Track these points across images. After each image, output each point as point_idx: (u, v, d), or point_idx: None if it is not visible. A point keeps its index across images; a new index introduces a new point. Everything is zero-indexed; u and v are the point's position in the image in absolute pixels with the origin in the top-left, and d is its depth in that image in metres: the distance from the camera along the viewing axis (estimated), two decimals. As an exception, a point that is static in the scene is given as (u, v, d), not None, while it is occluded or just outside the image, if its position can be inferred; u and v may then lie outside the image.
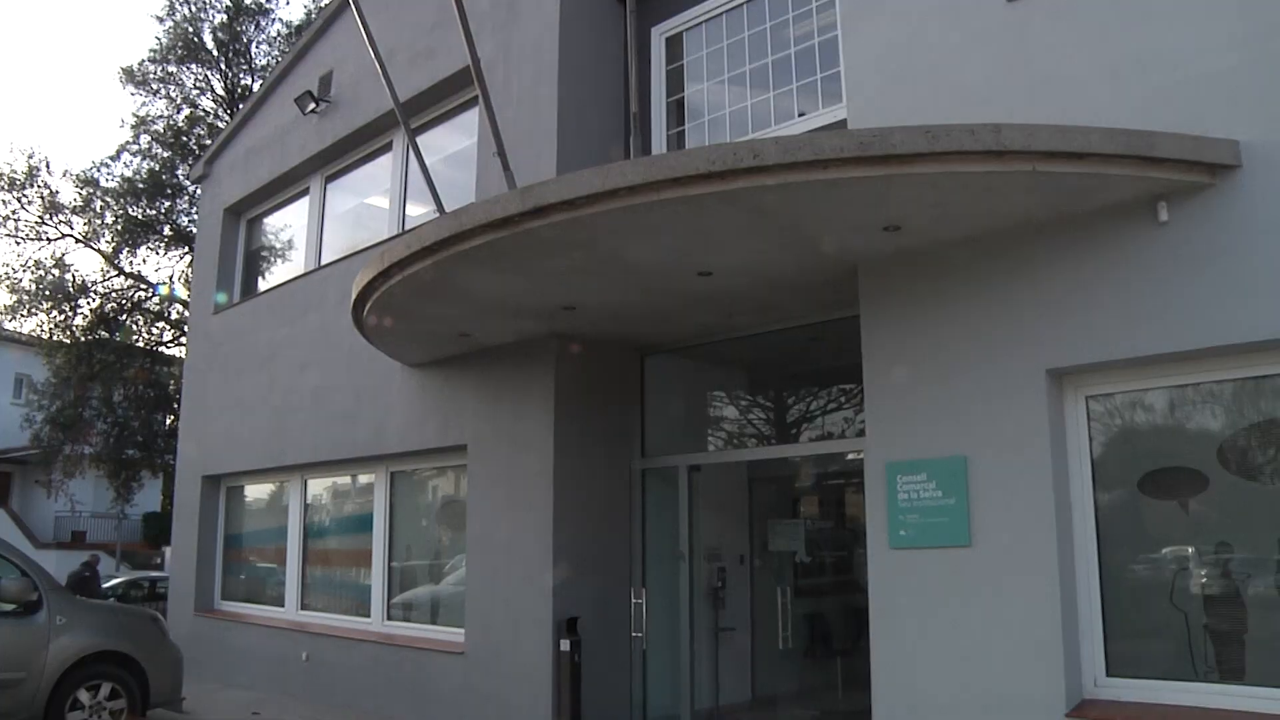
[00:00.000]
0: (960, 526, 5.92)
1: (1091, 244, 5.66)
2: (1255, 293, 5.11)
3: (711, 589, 9.46)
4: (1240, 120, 5.27)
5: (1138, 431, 5.90)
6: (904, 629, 6.09)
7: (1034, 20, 6.16)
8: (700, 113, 9.13)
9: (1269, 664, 5.30)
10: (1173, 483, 5.72)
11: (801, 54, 8.40)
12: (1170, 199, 5.39)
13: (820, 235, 6.03)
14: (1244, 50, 5.33)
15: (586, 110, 9.09)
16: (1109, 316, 5.55)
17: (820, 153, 5.03)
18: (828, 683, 10.70)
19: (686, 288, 7.10)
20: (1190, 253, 5.33)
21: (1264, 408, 5.44)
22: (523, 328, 8.30)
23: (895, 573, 6.19)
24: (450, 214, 6.27)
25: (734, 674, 9.88)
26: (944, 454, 6.04)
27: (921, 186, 5.27)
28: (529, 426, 8.65)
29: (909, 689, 6.03)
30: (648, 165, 5.41)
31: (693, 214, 5.60)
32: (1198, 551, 5.60)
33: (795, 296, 7.44)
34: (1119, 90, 5.72)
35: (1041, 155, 5.09)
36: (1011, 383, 5.84)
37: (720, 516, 9.81)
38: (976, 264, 6.06)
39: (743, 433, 10.10)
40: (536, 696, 8.22)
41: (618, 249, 6.20)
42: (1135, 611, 5.72)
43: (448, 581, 10.01)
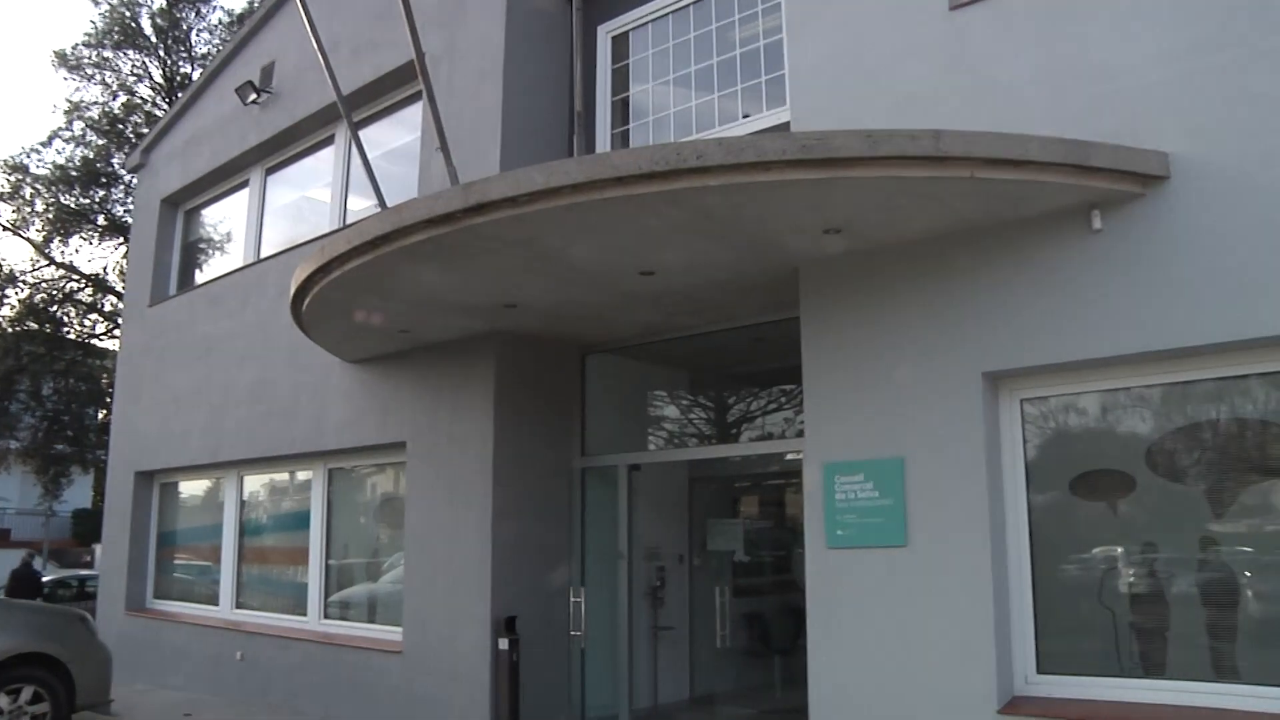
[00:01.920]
0: (897, 527, 6.00)
1: (1028, 250, 5.77)
2: (1183, 300, 5.25)
3: (650, 588, 9.50)
4: (1170, 133, 5.41)
5: (1070, 434, 6.02)
6: (841, 628, 6.16)
7: (974, 28, 6.25)
8: (645, 112, 9.15)
9: (1188, 658, 5.47)
10: (1103, 484, 5.85)
11: (747, 56, 8.45)
12: (1104, 207, 5.52)
13: (762, 237, 6.07)
14: (1175, 65, 5.46)
15: (531, 107, 9.06)
16: (1044, 321, 5.67)
17: (763, 154, 5.06)
18: (766, 681, 10.78)
19: (629, 287, 7.11)
20: (1122, 260, 5.46)
21: (1190, 412, 5.59)
22: (464, 325, 8.26)
23: (833, 572, 6.25)
24: (392, 209, 6.22)
25: (673, 673, 9.92)
26: (881, 455, 6.12)
27: (862, 190, 5.33)
28: (469, 424, 8.62)
29: (845, 687, 6.10)
30: (591, 164, 5.40)
31: (636, 213, 5.61)
32: (1125, 551, 5.75)
33: (737, 297, 7.49)
34: (1056, 99, 5.83)
35: (980, 162, 5.18)
36: (948, 385, 5.93)
37: (660, 516, 9.85)
38: (916, 267, 6.15)
39: (683, 432, 10.15)
40: (474, 695, 8.18)
41: (560, 247, 6.19)
42: (1065, 610, 5.84)
43: (386, 580, 9.93)
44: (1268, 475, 5.38)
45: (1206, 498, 5.52)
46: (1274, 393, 5.36)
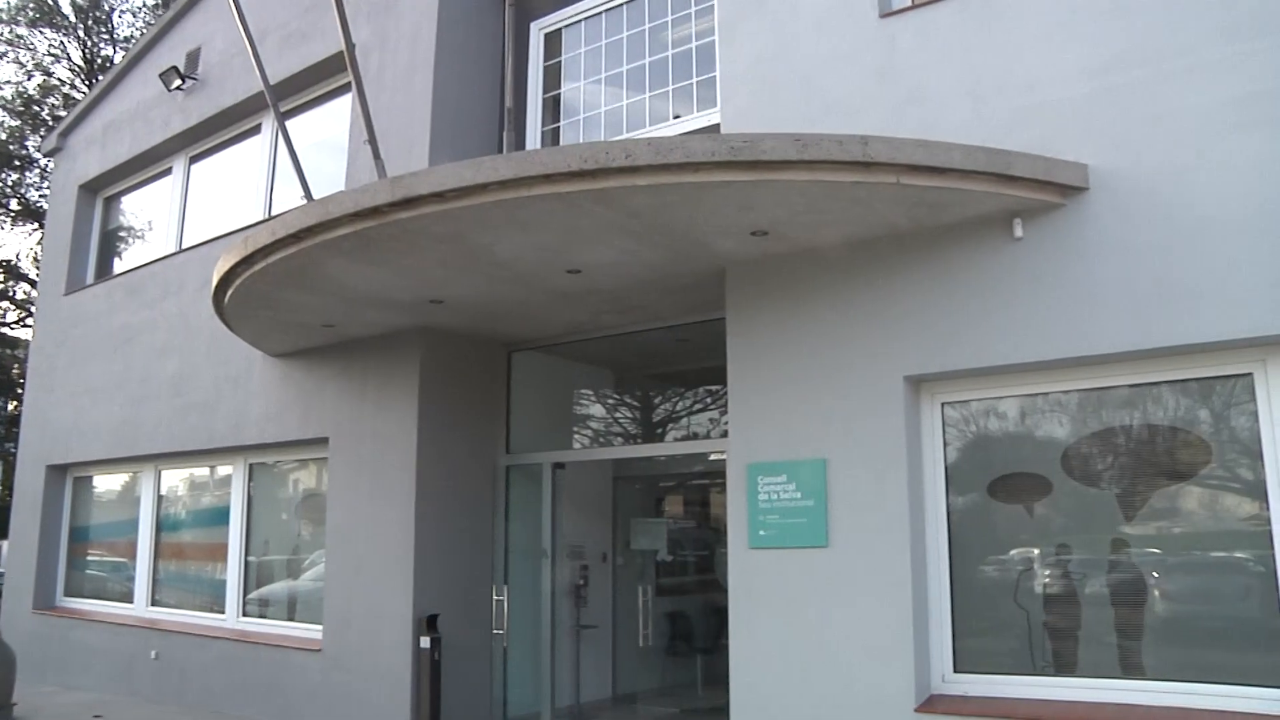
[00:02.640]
0: (818, 528, 6.06)
1: (951, 256, 5.87)
2: (1100, 309, 5.38)
3: (574, 587, 9.49)
4: (1089, 145, 5.55)
5: (990, 438, 6.13)
6: (762, 627, 6.21)
7: (903, 37, 6.34)
8: (576, 110, 9.13)
9: (1098, 656, 5.62)
10: (1020, 487, 5.97)
11: (679, 57, 8.47)
12: (1025, 216, 5.64)
13: (689, 237, 6.09)
14: (1094, 81, 5.61)
15: (462, 102, 8.99)
16: (965, 327, 5.77)
17: (691, 155, 5.08)
18: (688, 680, 10.83)
19: (556, 285, 7.09)
20: (1042, 269, 5.58)
21: (1105, 417, 5.73)
22: (389, 320, 8.17)
23: (755, 572, 6.30)
24: (318, 201, 6.12)
25: (595, 671, 9.92)
26: (804, 456, 6.18)
27: (790, 193, 5.38)
28: (393, 420, 8.53)
29: (766, 686, 6.15)
30: (520, 161, 5.38)
31: (564, 211, 5.59)
32: (1041, 553, 5.87)
33: (664, 297, 7.50)
34: (980, 110, 5.94)
35: (906, 168, 5.25)
36: (871, 388, 6.01)
37: (584, 514, 9.85)
38: (841, 271, 6.22)
39: (609, 431, 10.16)
40: (395, 694, 8.10)
41: (488, 244, 6.15)
42: (982, 610, 5.95)
43: (307, 577, 9.79)
44: (1176, 479, 5.53)
45: (1119, 501, 5.67)
46: (1184, 400, 5.52)
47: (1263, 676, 5.07)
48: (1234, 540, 5.36)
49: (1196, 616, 5.50)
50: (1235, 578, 5.36)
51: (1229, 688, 5.13)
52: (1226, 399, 5.41)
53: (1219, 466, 5.43)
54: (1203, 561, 5.49)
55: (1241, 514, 5.33)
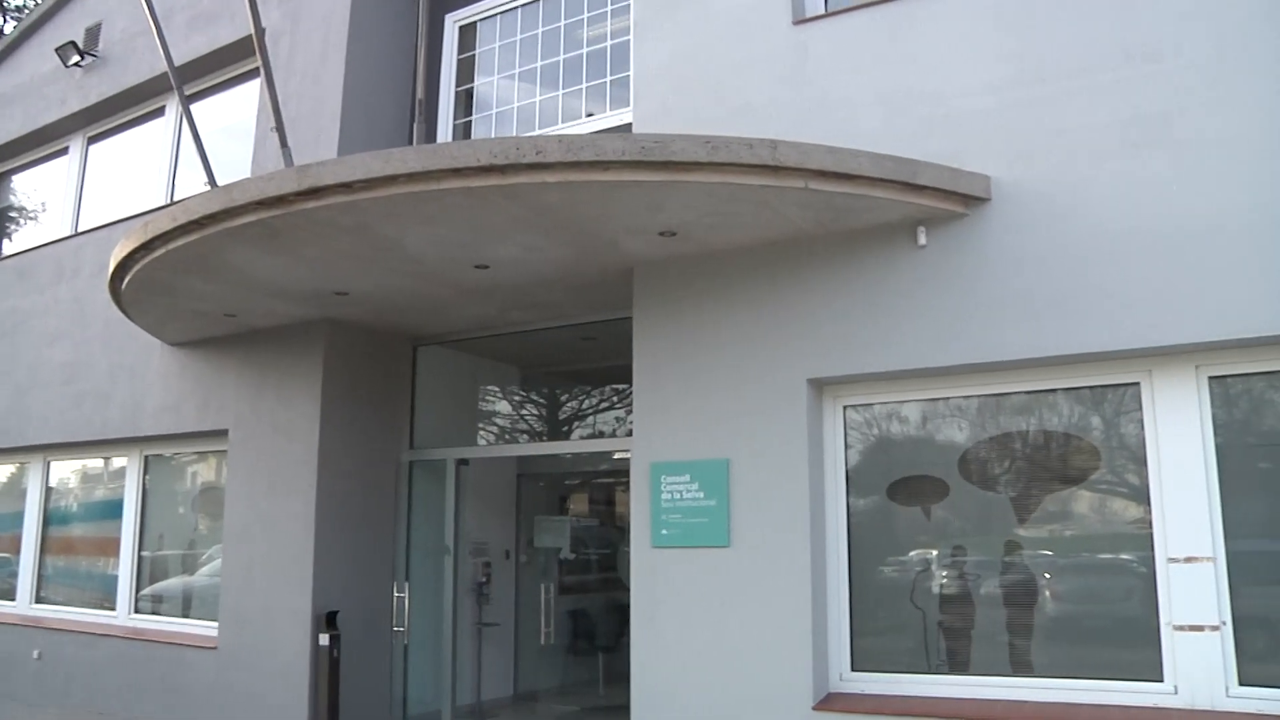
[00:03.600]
0: (720, 527, 6.10)
1: (856, 262, 5.95)
2: (999, 317, 5.51)
3: (476, 584, 9.43)
4: (992, 157, 5.67)
5: (892, 441, 6.23)
6: (664, 626, 6.23)
7: (816, 44, 6.41)
8: (489, 105, 9.06)
9: (990, 655, 5.76)
10: (918, 490, 6.08)
11: (593, 55, 8.46)
12: (929, 225, 5.75)
13: (598, 236, 6.08)
14: (999, 95, 5.74)
15: (373, 92, 8.86)
16: (868, 331, 5.86)
17: (602, 154, 5.07)
18: (590, 679, 10.84)
19: (463, 280, 7.02)
20: (944, 277, 5.70)
21: (1002, 423, 5.87)
22: (293, 311, 8.01)
23: (657, 571, 6.31)
24: (222, 188, 5.97)
25: (497, 669, 9.88)
26: (708, 456, 6.21)
27: (699, 195, 5.40)
28: (294, 413, 8.37)
29: (667, 685, 6.17)
30: (429, 153, 5.31)
31: (473, 206, 5.54)
32: (937, 554, 5.99)
33: (571, 295, 7.48)
34: (889, 118, 6.04)
35: (814, 173, 5.30)
36: (774, 390, 6.07)
37: (487, 511, 9.79)
38: (748, 273, 6.26)
39: (514, 428, 10.10)
40: (293, 693, 7.95)
41: (395, 236, 6.07)
42: (880, 610, 6.05)
43: (203, 572, 9.55)
44: (1069, 484, 5.69)
45: (1013, 504, 5.81)
46: (1078, 407, 5.69)
47: (1141, 671, 5.27)
48: (1120, 543, 5.55)
49: (1083, 616, 5.69)
50: (1120, 578, 5.54)
51: (1110, 683, 5.33)
52: (1117, 407, 5.59)
53: (1108, 472, 5.61)
54: (1091, 563, 5.68)
55: (1128, 517, 5.51)
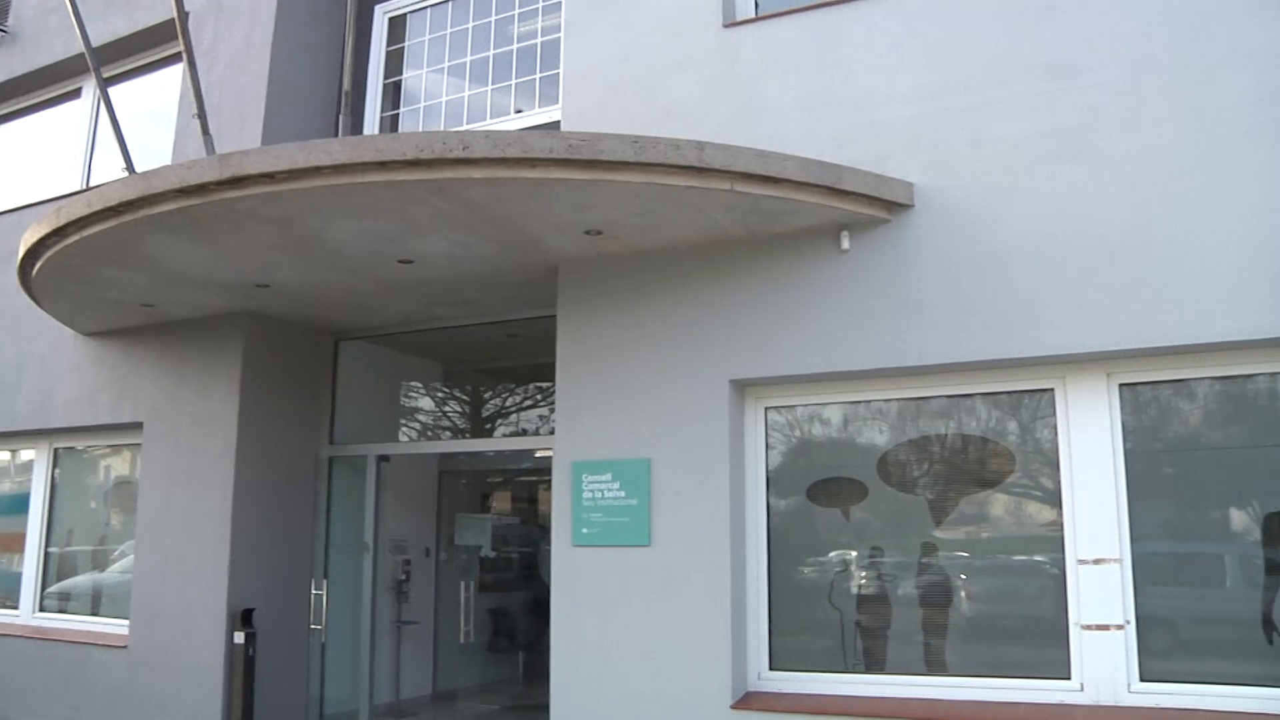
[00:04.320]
0: (641, 527, 6.11)
1: (780, 265, 6.01)
2: (920, 322, 5.60)
3: (395, 582, 9.34)
4: (916, 164, 5.77)
5: (812, 442, 6.29)
6: (584, 625, 6.22)
7: (745, 48, 6.46)
8: (417, 99, 8.97)
9: (906, 654, 5.87)
10: (838, 492, 6.15)
11: (523, 52, 8.42)
12: (852, 229, 5.82)
13: (524, 233, 6.06)
14: (923, 104, 5.84)
15: (299, 82, 8.72)
16: (791, 334, 5.91)
17: (529, 151, 5.05)
18: (510, 677, 10.82)
19: (387, 274, 6.95)
20: (867, 281, 5.77)
21: (922, 426, 5.97)
22: (212, 302, 7.85)
23: (578, 570, 6.30)
24: (140, 174, 5.83)
25: (415, 668, 9.79)
26: (629, 456, 6.21)
27: (625, 194, 5.40)
28: (212, 406, 8.20)
29: (587, 683, 6.16)
30: (355, 146, 5.24)
31: (398, 200, 5.48)
32: (855, 555, 6.08)
33: (496, 292, 7.44)
34: (815, 123, 6.10)
35: (740, 176, 5.34)
36: (697, 390, 6.09)
37: (408, 508, 9.70)
38: (672, 274, 6.28)
39: (436, 425, 10.02)
40: (206, 692, 7.78)
41: (318, 229, 5.98)
42: (798, 610, 6.11)
43: (114, 569, 9.30)
44: (985, 487, 5.81)
45: (930, 506, 5.91)
46: (995, 412, 5.81)
47: (1050, 670, 5.40)
48: (1033, 544, 5.68)
49: (996, 616, 5.83)
50: (1032, 579, 5.67)
51: (1021, 681, 5.45)
52: (1032, 412, 5.72)
53: (1023, 475, 5.73)
54: (1005, 564, 5.81)
55: (1041, 520, 5.64)
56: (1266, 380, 5.29)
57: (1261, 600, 5.21)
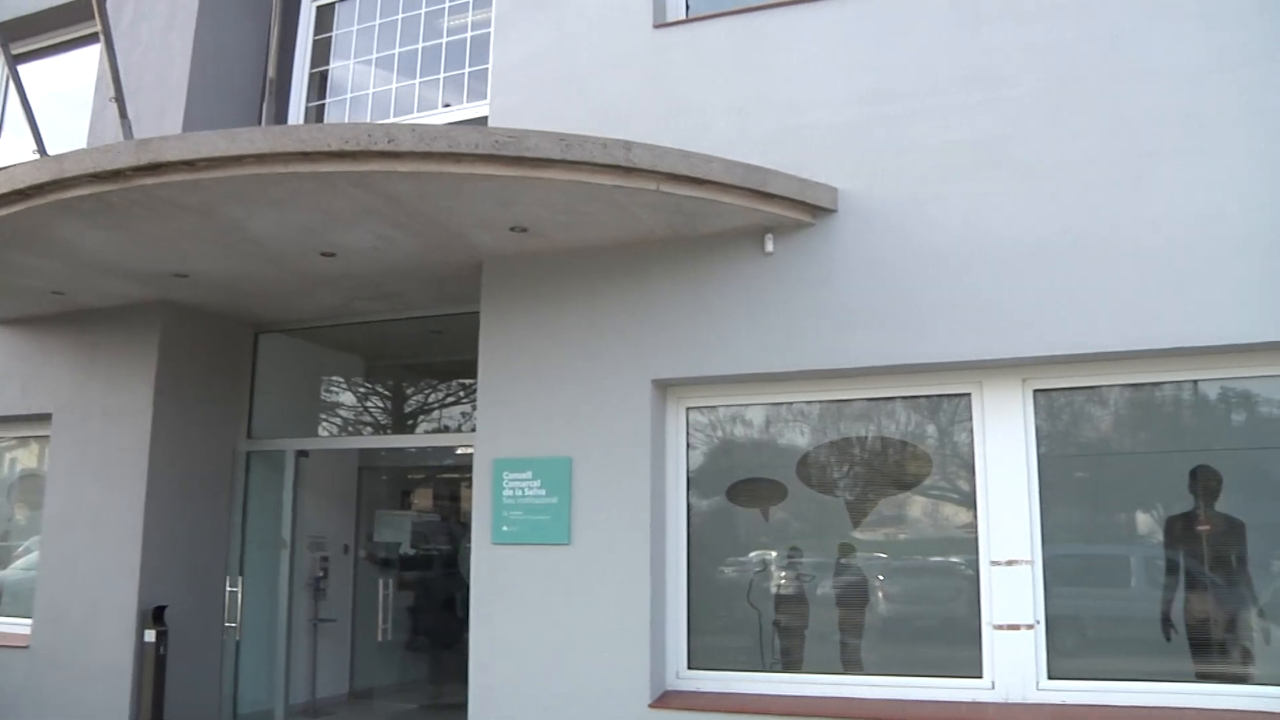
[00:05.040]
0: (562, 525, 6.09)
1: (705, 266, 6.04)
2: (842, 326, 5.68)
3: (313, 579, 9.20)
4: (840, 170, 5.84)
5: (734, 443, 6.33)
6: (503, 623, 6.19)
7: (675, 49, 6.48)
8: (344, 89, 8.85)
9: (824, 654, 5.95)
10: (757, 492, 6.20)
11: (453, 45, 8.35)
12: (776, 232, 5.87)
13: (449, 228, 6.01)
14: (850, 110, 5.92)
15: (223, 68, 8.54)
16: (714, 335, 5.95)
17: (455, 146, 5.01)
18: (429, 676, 10.72)
19: (309, 266, 6.84)
20: (790, 284, 5.83)
21: (842, 428, 6.05)
22: (127, 291, 7.66)
23: (497, 568, 6.27)
24: (53, 157, 5.66)
25: (332, 666, 9.65)
26: (550, 454, 6.20)
27: (551, 192, 5.38)
28: (125, 398, 7.99)
29: (505, 682, 6.13)
30: (278, 135, 5.15)
31: (321, 192, 5.40)
32: (774, 556, 6.13)
33: (419, 287, 7.37)
34: (742, 126, 6.14)
35: (667, 176, 5.35)
36: (619, 389, 6.10)
37: (327, 505, 9.56)
38: (597, 273, 6.28)
39: (357, 420, 9.89)
40: (113, 693, 7.57)
41: (239, 219, 5.87)
42: (717, 609, 6.15)
43: (17, 566, 9.02)
44: (903, 489, 5.90)
45: (849, 508, 5.99)
46: (915, 415, 5.91)
47: (963, 668, 5.52)
48: (948, 546, 5.78)
49: (912, 616, 5.93)
50: (947, 580, 5.78)
51: (935, 680, 5.57)
52: (951, 416, 5.82)
53: (940, 478, 5.84)
54: (921, 566, 5.91)
55: (956, 522, 5.74)
56: (1173, 388, 5.46)
57: (1161, 600, 5.39)
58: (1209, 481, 5.35)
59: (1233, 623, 5.29)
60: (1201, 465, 5.37)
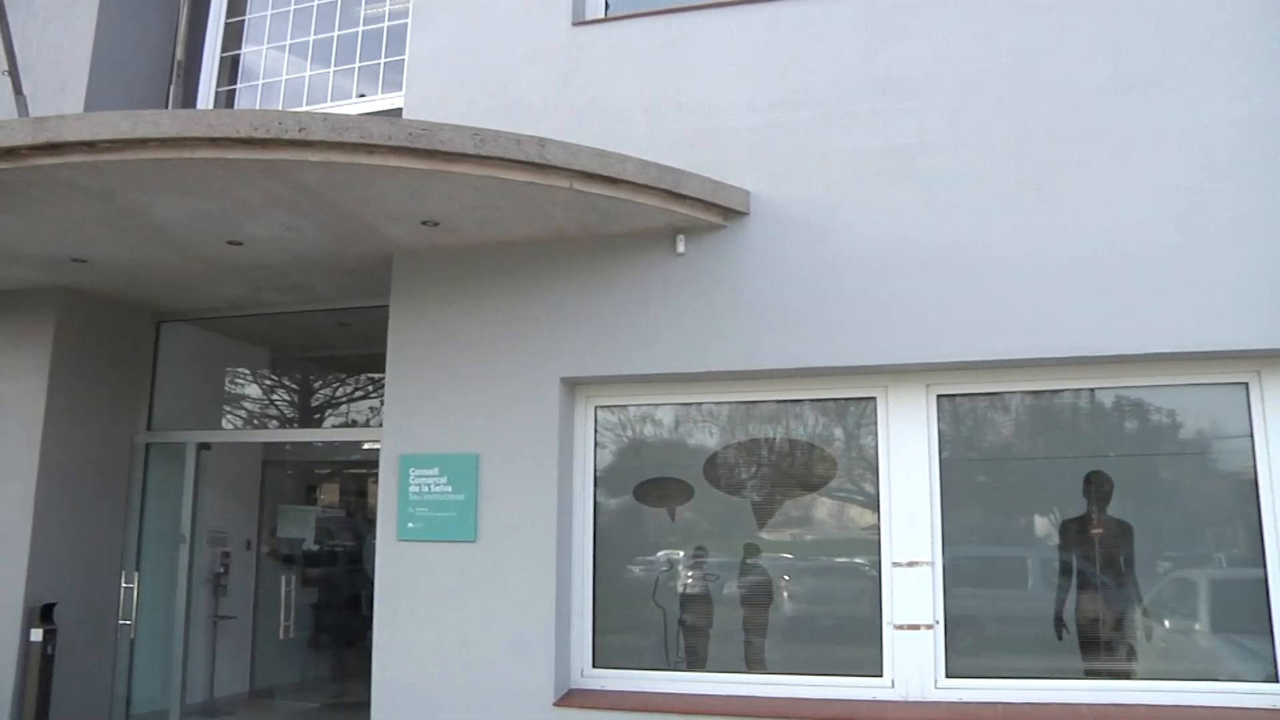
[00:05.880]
0: (468, 522, 6.05)
1: (616, 265, 6.04)
2: (752, 328, 5.74)
3: (213, 575, 8.99)
4: (753, 173, 5.90)
5: (643, 443, 6.35)
6: (408, 621, 6.12)
7: (593, 48, 6.47)
8: (255, 75, 8.67)
9: (728, 653, 6.01)
10: (664, 492, 6.23)
11: (369, 35, 8.23)
12: (689, 234, 5.90)
13: (359, 220, 5.92)
14: (764, 114, 5.98)
15: (128, 47, 8.29)
16: (625, 335, 5.96)
17: (368, 137, 4.94)
18: (332, 674, 10.56)
19: (215, 255, 6.69)
20: (701, 285, 5.87)
21: (751, 430, 6.11)
22: (21, 275, 7.38)
23: (402, 565, 6.20)
24: (-59, 133, 5.46)
25: (232, 665, 9.44)
26: (458, 450, 6.15)
27: (464, 187, 5.34)
28: (16, 386, 7.70)
29: (410, 680, 6.06)
30: (185, 119, 5.02)
31: (229, 179, 5.29)
32: (680, 555, 6.17)
33: (328, 279, 7.25)
34: (657, 127, 6.17)
35: (580, 175, 5.34)
36: (528, 387, 6.08)
37: (229, 499, 9.35)
38: (509, 269, 6.25)
39: (263, 413, 9.70)
40: (-6, 694, 7.32)
41: (143, 204, 5.71)
42: (623, 608, 6.16)
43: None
44: (809, 490, 5.99)
45: (755, 509, 6.06)
46: (822, 418, 6.00)
47: (864, 667, 5.63)
48: (852, 547, 5.88)
49: (816, 615, 6.03)
50: (851, 581, 5.88)
51: (837, 679, 5.66)
52: (857, 419, 5.92)
53: (846, 480, 5.94)
54: (826, 566, 6.01)
55: (861, 524, 5.84)
56: (1071, 396, 5.63)
57: (1055, 600, 5.56)
58: (1102, 486, 5.53)
59: (1120, 621, 5.48)
60: (1095, 471, 5.55)
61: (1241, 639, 5.31)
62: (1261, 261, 5.11)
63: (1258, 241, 5.13)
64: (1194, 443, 5.52)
